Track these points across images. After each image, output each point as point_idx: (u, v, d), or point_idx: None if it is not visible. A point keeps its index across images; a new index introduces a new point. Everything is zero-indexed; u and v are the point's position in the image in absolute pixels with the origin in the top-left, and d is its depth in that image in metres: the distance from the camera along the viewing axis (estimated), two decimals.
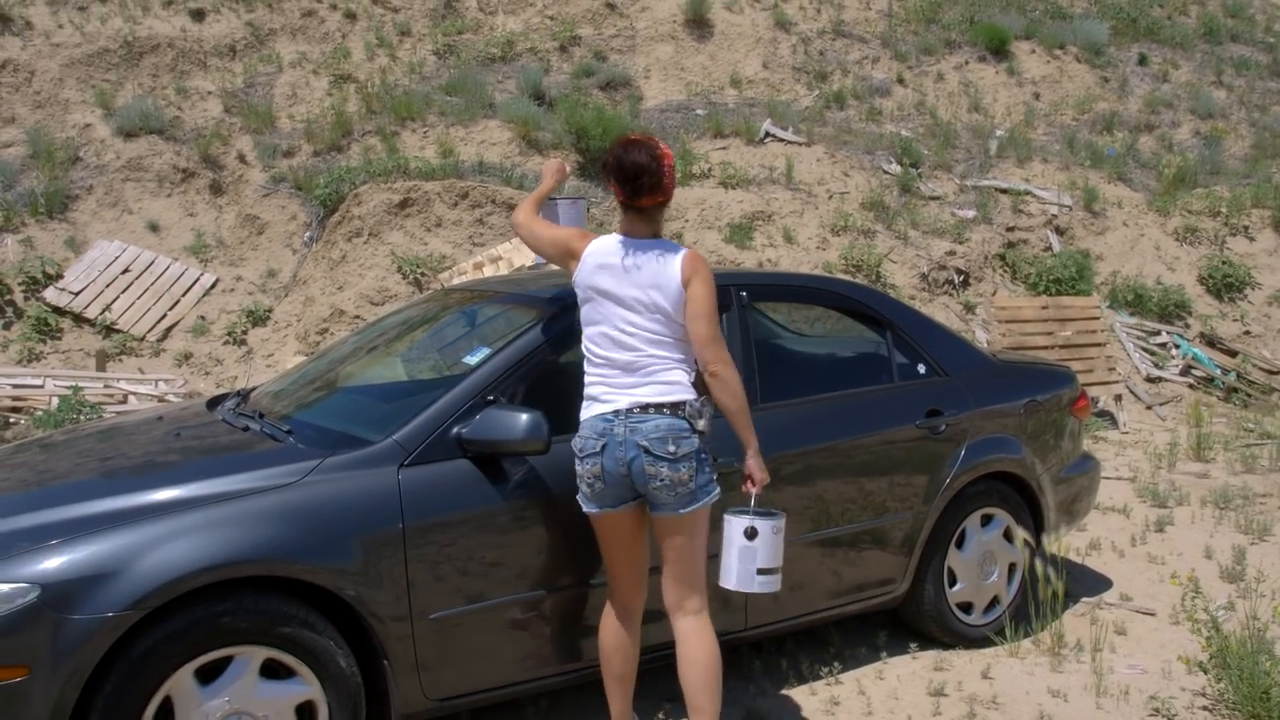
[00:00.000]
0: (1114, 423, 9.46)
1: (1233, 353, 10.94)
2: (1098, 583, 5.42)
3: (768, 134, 12.34)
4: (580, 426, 3.35)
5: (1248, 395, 10.45)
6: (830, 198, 11.60)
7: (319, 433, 3.53)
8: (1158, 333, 11.06)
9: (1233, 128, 14.92)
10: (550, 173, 3.81)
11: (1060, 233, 11.99)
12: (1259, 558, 5.77)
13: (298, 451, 3.33)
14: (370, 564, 3.15)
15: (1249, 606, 4.65)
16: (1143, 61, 15.92)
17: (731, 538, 3.34)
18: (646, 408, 3.23)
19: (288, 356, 9.13)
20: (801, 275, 4.60)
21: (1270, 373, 10.82)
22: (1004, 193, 12.29)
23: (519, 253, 9.51)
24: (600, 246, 3.38)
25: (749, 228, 10.73)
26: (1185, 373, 10.62)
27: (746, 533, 3.31)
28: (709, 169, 11.57)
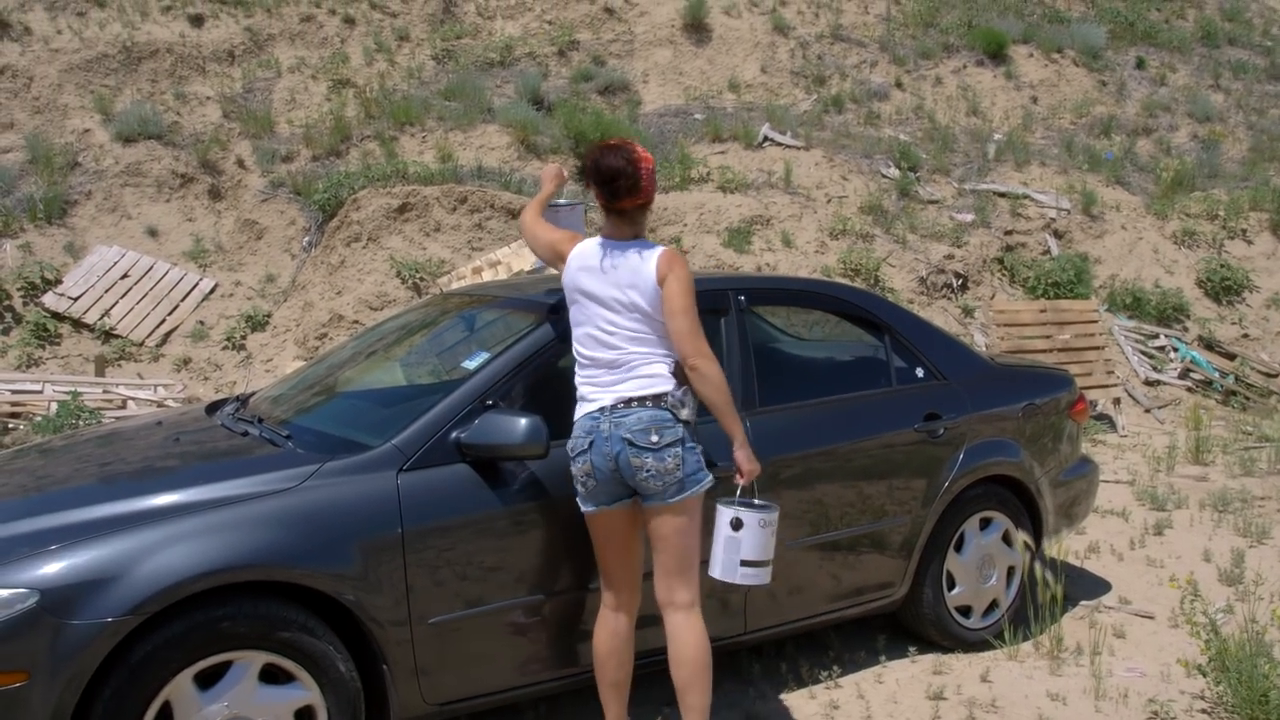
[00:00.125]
0: (1112, 426, 9.47)
1: (1231, 356, 10.95)
2: (1096, 586, 5.42)
3: (766, 138, 12.35)
4: (573, 427, 3.40)
5: (1246, 398, 10.45)
6: (828, 202, 11.61)
7: (318, 437, 3.54)
8: (1156, 336, 11.06)
9: (1230, 131, 14.94)
10: (549, 178, 3.88)
11: (1058, 236, 12.01)
12: (1258, 561, 5.77)
13: (297, 456, 3.33)
14: (369, 569, 3.15)
15: (1248, 609, 4.65)
16: (1140, 65, 15.94)
17: (719, 527, 3.38)
18: (630, 402, 3.28)
19: (287, 361, 9.13)
20: (800, 279, 4.61)
21: (1268, 375, 10.82)
22: (1002, 196, 12.31)
23: (518, 257, 9.51)
24: (582, 249, 3.46)
25: (747, 232, 10.74)
26: (1184, 376, 10.63)
27: (732, 523, 3.34)
28: (707, 173, 11.58)
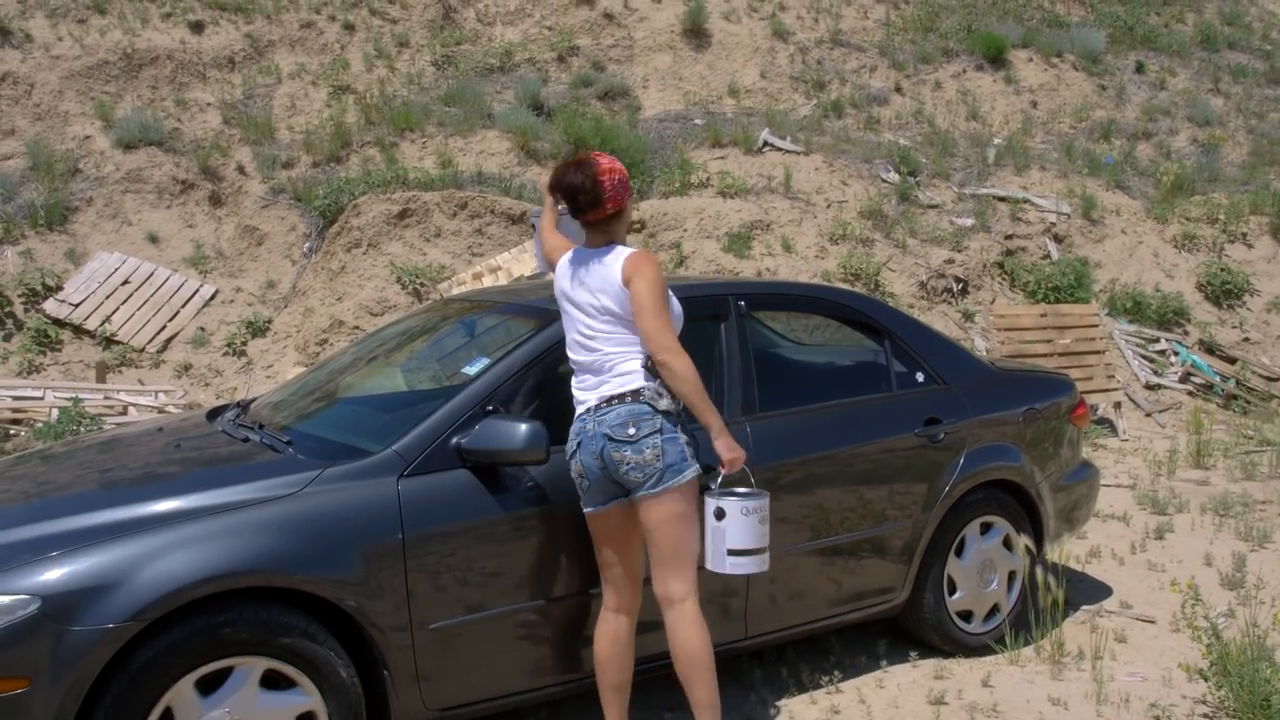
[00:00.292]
0: (1113, 430, 9.47)
1: (1232, 359, 10.95)
2: (1098, 590, 5.41)
3: (766, 143, 12.36)
4: None
5: (1247, 402, 10.45)
6: (828, 207, 11.62)
7: (319, 443, 3.54)
8: (1157, 340, 11.06)
9: (1230, 135, 14.95)
10: (548, 188, 3.87)
11: (1059, 240, 12.01)
12: (1259, 565, 5.77)
13: (297, 462, 3.33)
14: (370, 574, 3.15)
15: (1249, 614, 4.65)
16: (1140, 69, 15.96)
17: (706, 518, 3.39)
18: (610, 400, 3.34)
19: (287, 367, 9.14)
20: (800, 284, 4.61)
21: (1269, 379, 10.82)
22: (1002, 201, 12.32)
23: (518, 262, 9.52)
24: (564, 259, 3.58)
25: (747, 237, 10.75)
26: (1184, 380, 10.63)
27: (715, 513, 3.36)
28: (707, 178, 11.59)
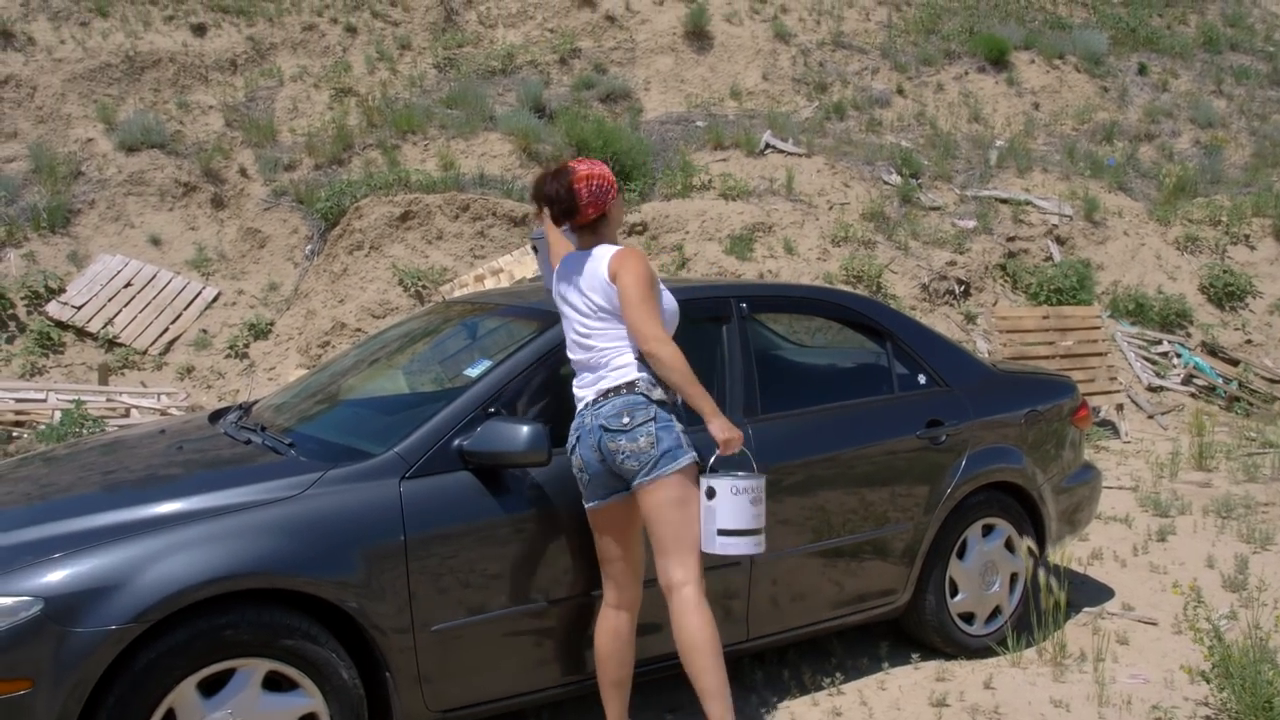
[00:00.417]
0: (1115, 432, 9.46)
1: (1234, 362, 10.95)
2: (1100, 592, 5.41)
3: (768, 145, 12.37)
4: None
5: (1249, 404, 10.45)
6: (830, 209, 11.62)
7: (321, 445, 3.54)
8: (1159, 342, 11.06)
9: (1233, 137, 14.95)
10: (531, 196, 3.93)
11: (1061, 242, 12.01)
12: (1261, 567, 5.77)
13: (300, 464, 3.34)
14: (372, 576, 3.15)
15: (1251, 616, 4.65)
16: (1142, 71, 15.96)
17: (701, 501, 3.40)
18: (606, 393, 3.39)
19: (289, 369, 9.15)
20: (802, 286, 4.61)
21: (1272, 381, 10.81)
22: (1004, 203, 12.31)
23: (520, 265, 9.53)
24: (560, 264, 3.64)
25: (749, 239, 10.75)
26: (1187, 382, 10.62)
27: (707, 493, 3.37)
28: (709, 181, 11.60)
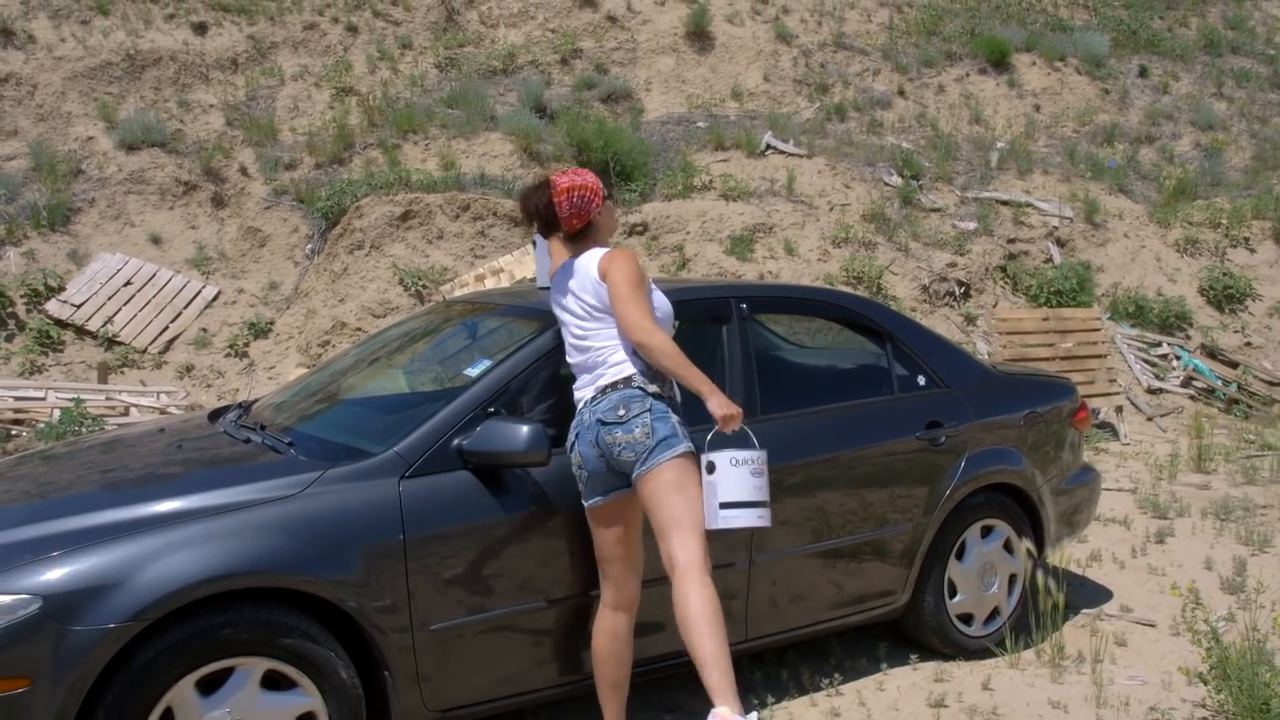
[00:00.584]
0: (1115, 434, 9.46)
1: (1234, 364, 10.95)
2: (1098, 594, 5.41)
3: (769, 146, 12.37)
4: None
5: (1249, 407, 10.45)
6: (831, 210, 11.62)
7: (320, 445, 3.54)
8: (1159, 344, 11.06)
9: (1233, 139, 14.95)
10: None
11: (1061, 244, 12.01)
12: (1259, 569, 5.77)
13: (299, 463, 3.34)
14: (371, 575, 3.15)
15: (1249, 618, 4.65)
16: (1143, 73, 15.96)
17: (702, 477, 3.38)
18: (604, 389, 3.41)
19: (289, 369, 9.15)
20: (802, 287, 4.62)
21: (1271, 384, 10.81)
22: (1005, 204, 12.32)
23: (520, 265, 9.53)
24: (556, 273, 3.70)
25: (750, 240, 10.75)
26: (1186, 384, 10.63)
27: (706, 467, 3.36)
28: (710, 181, 11.60)
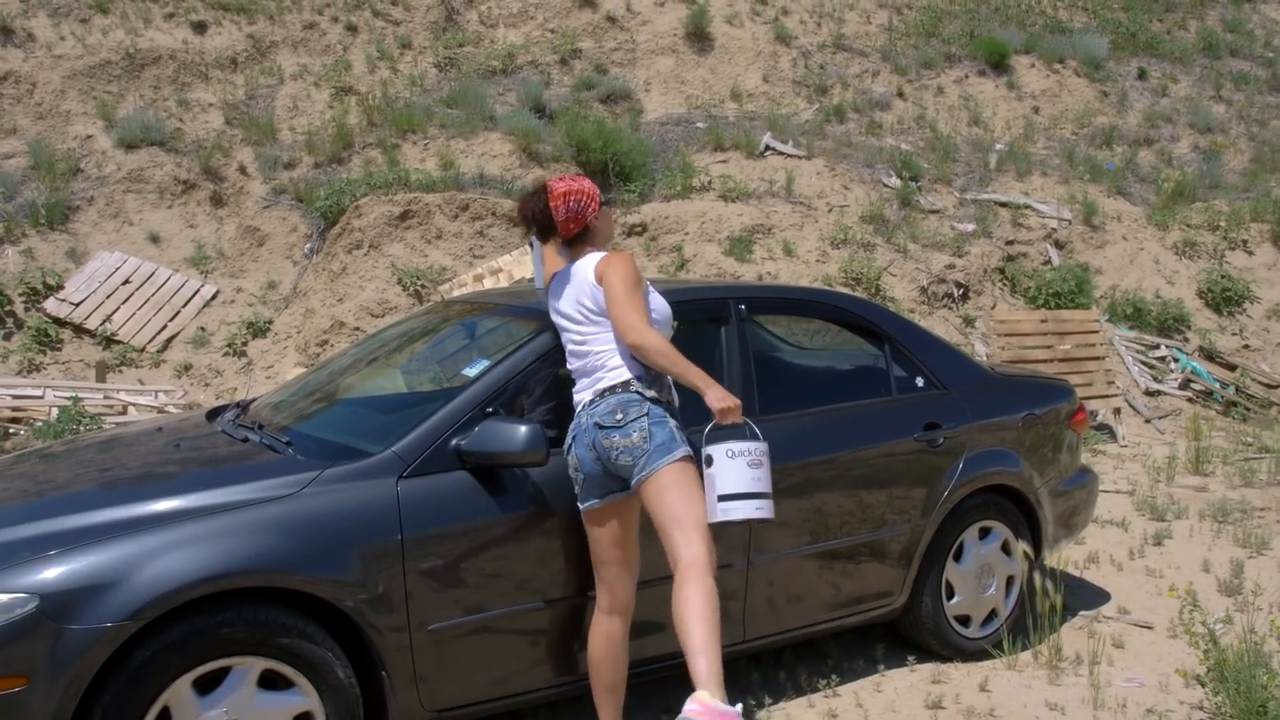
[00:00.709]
0: (1113, 436, 9.47)
1: (1232, 366, 10.95)
2: (1096, 596, 5.42)
3: (768, 147, 12.37)
4: None
5: (1246, 409, 10.45)
6: (830, 211, 11.62)
7: (318, 444, 3.54)
8: (1157, 346, 11.06)
9: (1232, 142, 14.96)
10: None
11: (1059, 246, 12.02)
12: (1257, 571, 5.77)
13: (297, 463, 3.34)
14: (369, 575, 3.15)
15: (1247, 620, 4.65)
16: (1142, 76, 15.97)
17: (704, 472, 3.36)
18: (602, 393, 3.42)
19: (288, 368, 9.14)
20: (800, 288, 4.62)
21: (1269, 386, 10.82)
22: (1003, 206, 12.32)
23: (519, 265, 9.53)
24: (554, 279, 3.70)
25: (749, 241, 10.75)
26: (1184, 386, 10.63)
27: (705, 460, 3.34)
28: (709, 182, 11.60)
